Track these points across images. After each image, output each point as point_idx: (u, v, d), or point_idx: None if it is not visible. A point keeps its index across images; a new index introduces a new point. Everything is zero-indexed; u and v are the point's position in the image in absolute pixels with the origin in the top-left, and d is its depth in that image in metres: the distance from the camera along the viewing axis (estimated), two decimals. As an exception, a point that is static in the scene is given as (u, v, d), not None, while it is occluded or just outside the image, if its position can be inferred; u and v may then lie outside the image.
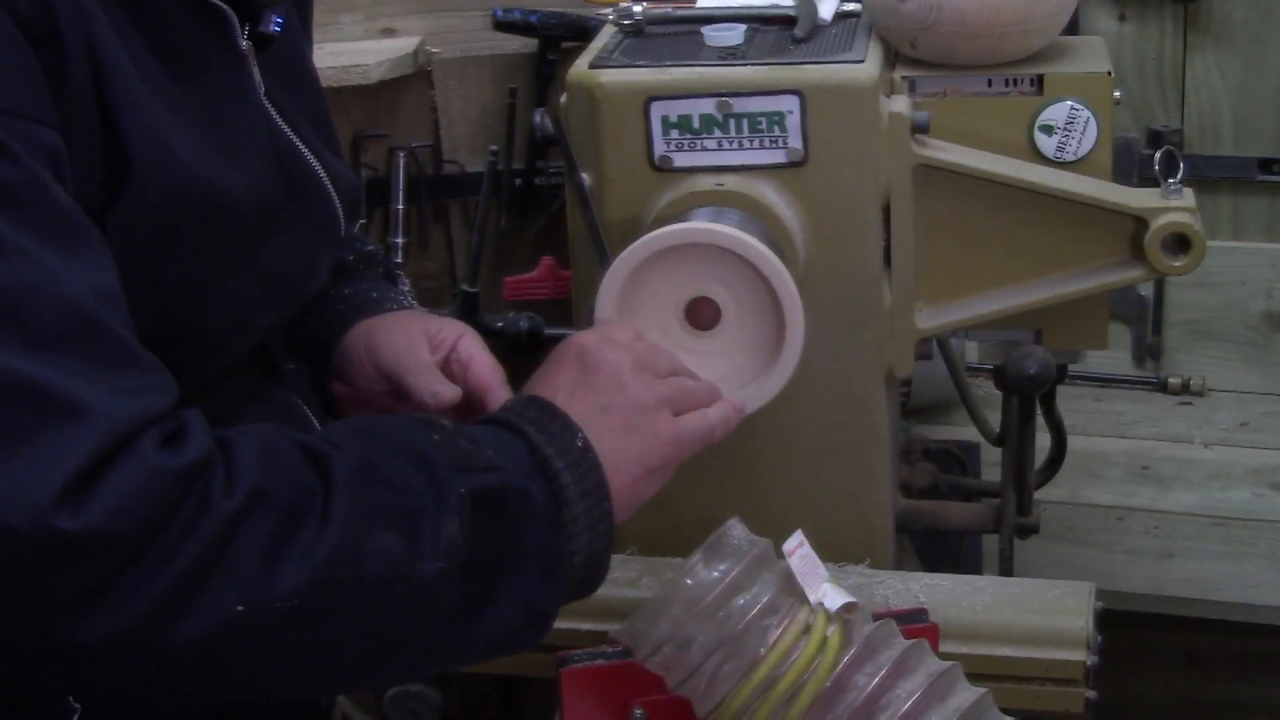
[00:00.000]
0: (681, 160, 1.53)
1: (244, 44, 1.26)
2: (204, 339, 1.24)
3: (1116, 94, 1.61)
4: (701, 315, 1.43)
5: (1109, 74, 1.61)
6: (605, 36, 1.67)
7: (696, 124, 1.52)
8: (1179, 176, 1.60)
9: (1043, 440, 1.96)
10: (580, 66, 1.57)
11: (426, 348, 1.39)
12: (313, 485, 1.07)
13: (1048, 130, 1.61)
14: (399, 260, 2.56)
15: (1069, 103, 1.60)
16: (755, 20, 1.67)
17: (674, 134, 1.53)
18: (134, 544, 0.99)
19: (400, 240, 2.58)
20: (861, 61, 1.54)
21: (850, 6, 1.70)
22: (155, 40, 1.15)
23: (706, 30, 1.60)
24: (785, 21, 1.66)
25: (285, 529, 1.04)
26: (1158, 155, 1.61)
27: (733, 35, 1.59)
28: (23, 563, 0.98)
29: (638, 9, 1.68)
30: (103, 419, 0.99)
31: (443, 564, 1.09)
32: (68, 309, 1.01)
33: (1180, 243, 1.58)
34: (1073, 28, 1.83)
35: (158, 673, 1.04)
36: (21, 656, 1.04)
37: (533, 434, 1.17)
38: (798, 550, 1.26)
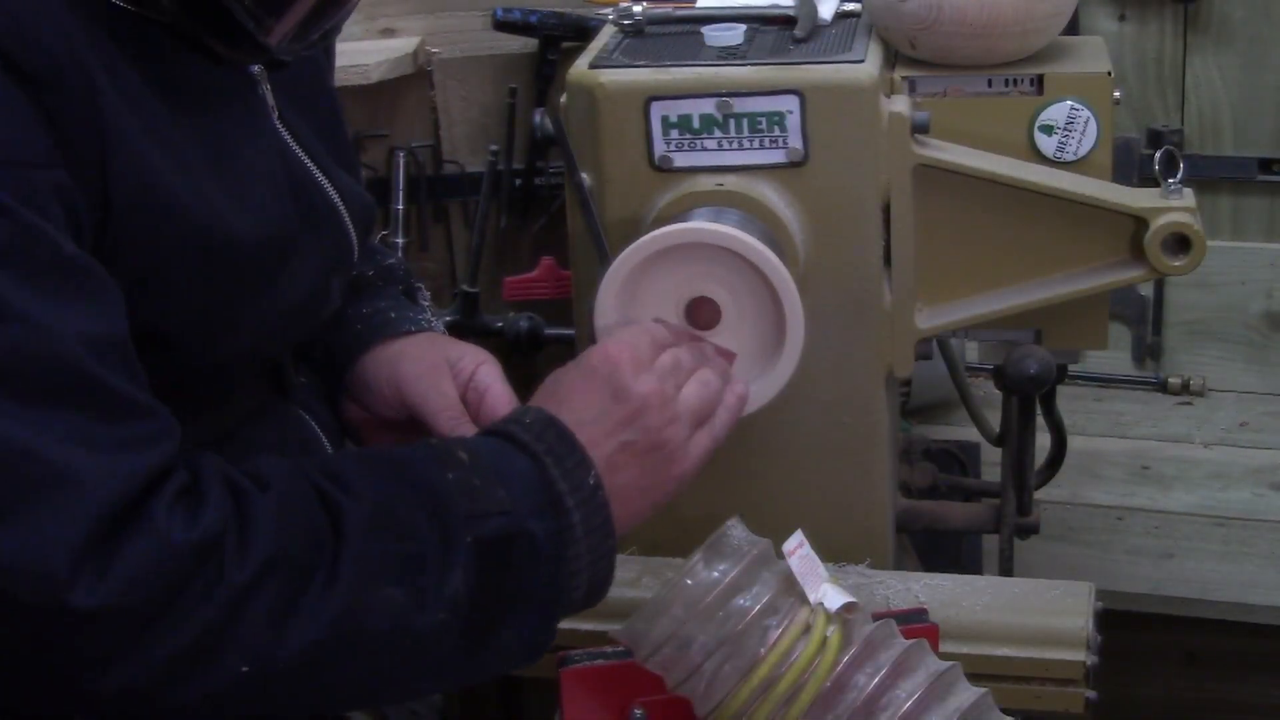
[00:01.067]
0: (681, 160, 1.53)
1: (255, 69, 1.25)
2: (213, 367, 1.24)
3: (1116, 94, 1.61)
4: (701, 315, 1.43)
5: (1109, 74, 1.61)
6: (605, 36, 1.67)
7: (696, 124, 1.52)
8: (1179, 176, 1.60)
9: (1043, 440, 1.96)
10: (580, 66, 1.57)
11: (450, 381, 1.40)
12: (324, 538, 1.09)
13: (1048, 130, 1.61)
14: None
15: (1069, 103, 1.60)
16: (755, 20, 1.67)
17: (674, 134, 1.53)
18: (147, 615, 1.02)
19: (400, 240, 2.58)
20: (861, 61, 1.54)
21: (850, 6, 1.70)
22: (160, 71, 1.14)
23: (706, 30, 1.60)
24: (785, 21, 1.66)
25: (294, 590, 1.06)
26: (1158, 155, 1.61)
27: (733, 35, 1.59)
28: (37, 636, 1.00)
29: (638, 9, 1.68)
30: (99, 485, 1.01)
31: (445, 615, 1.11)
32: (57, 367, 1.01)
33: (1180, 243, 1.58)
34: (1073, 28, 1.83)
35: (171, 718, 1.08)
36: (44, 700, 1.07)
37: (549, 466, 1.18)
38: (798, 550, 1.26)
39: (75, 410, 1.02)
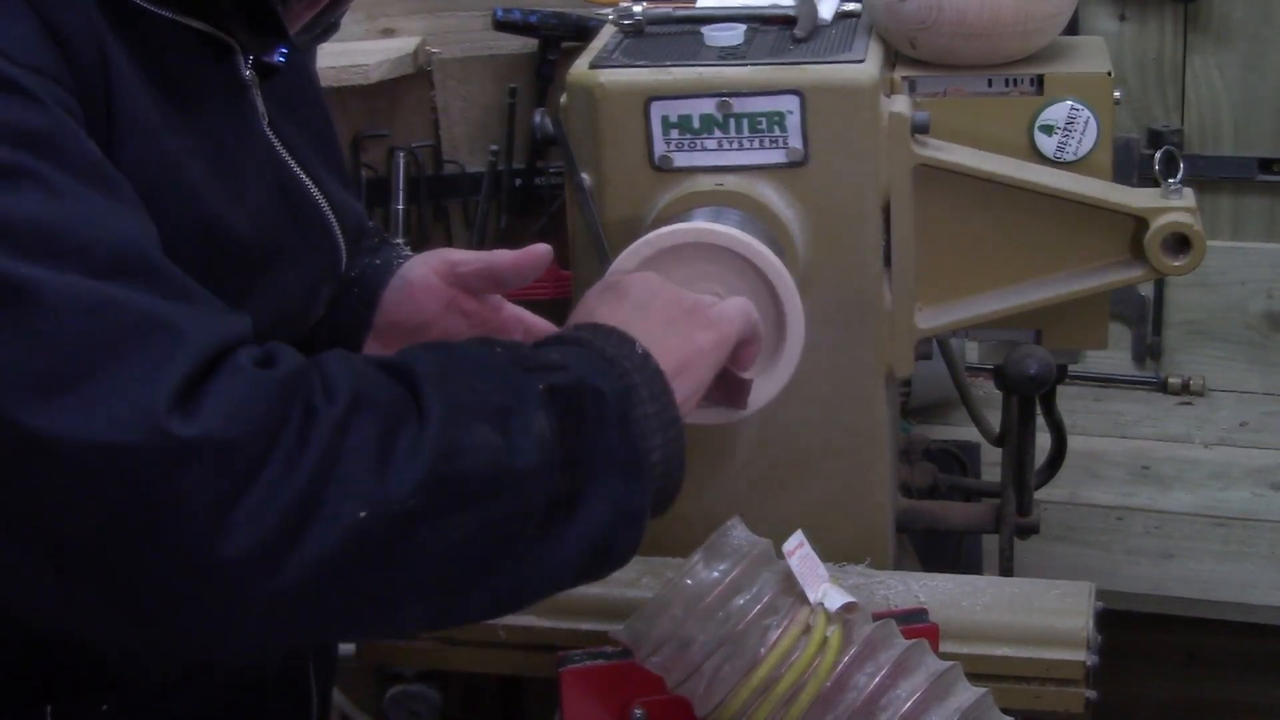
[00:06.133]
0: (681, 160, 1.54)
1: (248, 74, 1.24)
2: None
3: (1116, 94, 1.61)
4: (701, 315, 1.43)
5: (1109, 74, 1.61)
6: (605, 36, 1.68)
7: (696, 124, 1.52)
8: (1179, 176, 1.60)
9: (1043, 440, 1.96)
10: (580, 66, 1.57)
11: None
12: (400, 393, 1.07)
13: (1048, 130, 1.61)
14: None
15: (1069, 103, 1.60)
16: (755, 20, 1.67)
17: (674, 134, 1.53)
18: (252, 453, 0.98)
19: (400, 240, 2.58)
20: (861, 61, 1.54)
21: (850, 6, 1.70)
22: (158, 70, 1.14)
23: (706, 30, 1.60)
24: (785, 21, 1.66)
25: (389, 431, 1.03)
26: (1158, 155, 1.61)
27: (733, 35, 1.59)
28: (151, 479, 0.95)
29: (638, 9, 1.68)
30: (193, 330, 0.98)
31: (537, 456, 1.08)
32: (127, 243, 1.00)
33: (1180, 243, 1.58)
34: (1073, 28, 1.83)
35: (293, 598, 1.01)
36: (186, 592, 1.00)
37: (594, 341, 1.18)
38: (798, 550, 1.26)
39: (147, 285, 0.99)
